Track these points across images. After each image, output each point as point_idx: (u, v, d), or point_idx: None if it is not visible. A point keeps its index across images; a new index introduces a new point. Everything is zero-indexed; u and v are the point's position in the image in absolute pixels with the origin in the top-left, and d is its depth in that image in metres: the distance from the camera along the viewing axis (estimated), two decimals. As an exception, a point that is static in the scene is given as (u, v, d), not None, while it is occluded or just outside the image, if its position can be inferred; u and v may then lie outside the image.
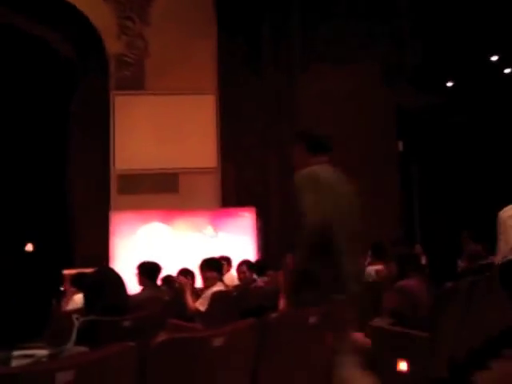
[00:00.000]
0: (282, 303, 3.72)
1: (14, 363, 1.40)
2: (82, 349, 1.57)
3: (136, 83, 9.21)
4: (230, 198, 8.90)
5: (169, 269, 5.42)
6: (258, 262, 6.33)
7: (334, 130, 8.37)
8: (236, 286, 4.63)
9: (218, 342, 1.77)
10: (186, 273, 5.31)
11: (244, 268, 5.28)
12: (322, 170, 2.63)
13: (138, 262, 4.77)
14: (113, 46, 9.19)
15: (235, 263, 5.87)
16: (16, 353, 1.41)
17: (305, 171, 2.58)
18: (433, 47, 8.57)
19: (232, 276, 5.57)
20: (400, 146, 8.53)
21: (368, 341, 2.99)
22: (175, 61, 9.07)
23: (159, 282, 4.86)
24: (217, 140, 9.09)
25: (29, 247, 8.12)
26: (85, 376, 1.45)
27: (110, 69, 9.16)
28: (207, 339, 1.73)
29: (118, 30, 9.27)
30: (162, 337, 1.67)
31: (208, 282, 4.38)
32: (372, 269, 4.59)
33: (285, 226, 8.68)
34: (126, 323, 2.64)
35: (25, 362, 1.41)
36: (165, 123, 9.00)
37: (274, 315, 2.06)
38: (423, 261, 3.74)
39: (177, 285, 5.01)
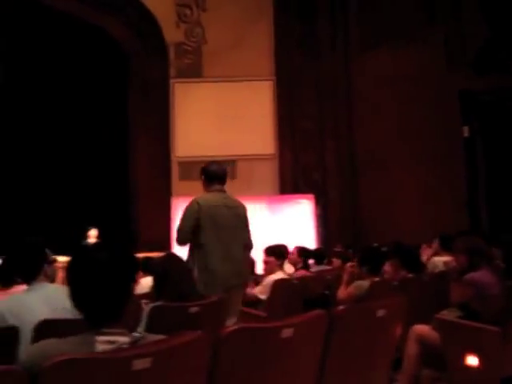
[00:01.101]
0: (340, 292, 3.71)
1: (98, 348, 1.47)
2: (159, 337, 1.62)
3: (194, 70, 9.31)
4: (288, 184, 8.88)
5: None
6: (317, 249, 6.30)
7: (397, 116, 8.20)
8: (295, 274, 4.63)
9: (287, 332, 1.77)
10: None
11: (296, 255, 5.27)
12: (207, 196, 3.60)
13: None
14: (172, 34, 9.33)
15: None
16: (100, 338, 1.48)
17: (193, 199, 3.56)
18: (497, 28, 8.13)
19: (289, 264, 5.57)
20: (465, 132, 8.20)
21: (435, 334, 2.92)
22: (232, 47, 9.09)
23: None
24: (274, 126, 9.07)
25: (93, 232, 8.43)
26: (161, 363, 1.50)
27: (170, 57, 9.31)
28: (277, 329, 1.74)
29: (176, 19, 9.38)
30: (232, 326, 1.68)
31: (269, 269, 4.40)
32: (440, 260, 4.47)
33: (344, 212, 8.59)
34: (194, 309, 2.69)
35: (107, 348, 1.48)
36: (223, 110, 9.07)
37: (342, 307, 2.04)
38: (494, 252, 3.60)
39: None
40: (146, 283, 4.54)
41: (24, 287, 2.80)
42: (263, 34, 9.19)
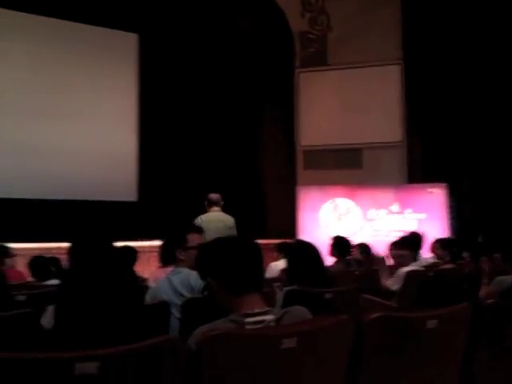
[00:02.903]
0: (483, 289, 3.50)
1: (248, 327, 1.58)
2: (303, 309, 1.69)
3: (319, 59, 9.27)
4: (418, 173, 8.53)
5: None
6: (452, 241, 5.97)
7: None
8: (430, 266, 4.45)
9: (431, 324, 1.74)
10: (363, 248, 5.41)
11: (438, 247, 5.04)
12: (207, 215, 5.71)
13: (326, 237, 4.91)
14: (297, 23, 9.36)
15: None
16: (248, 319, 1.59)
17: (198, 217, 5.60)
18: None
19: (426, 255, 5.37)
20: None
21: None
22: (358, 32, 8.89)
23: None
24: (402, 113, 8.75)
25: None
26: (305, 343, 1.55)
27: (295, 47, 9.36)
28: (421, 320, 1.71)
29: (301, 8, 9.39)
30: (375, 313, 1.69)
31: (400, 261, 4.30)
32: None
33: (478, 203, 8.06)
34: (328, 295, 2.73)
35: (256, 327, 1.57)
36: (348, 97, 8.94)
37: (489, 301, 1.94)
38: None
39: (374, 259, 5.06)
40: (275, 266, 4.69)
41: (170, 269, 3.09)
42: (390, 16, 8.86)
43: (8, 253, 4.84)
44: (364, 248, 5.55)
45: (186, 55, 9.98)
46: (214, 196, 5.84)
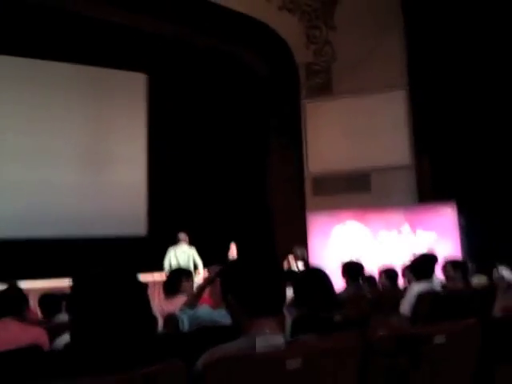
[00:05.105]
0: (497, 306, 3.45)
1: (259, 350, 1.57)
2: (312, 337, 1.68)
3: (324, 88, 9.39)
4: (427, 194, 8.50)
5: (366, 267, 5.40)
6: (463, 262, 5.90)
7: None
8: (442, 287, 4.38)
9: (439, 339, 1.72)
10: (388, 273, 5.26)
11: (449, 268, 4.98)
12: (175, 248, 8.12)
13: (338, 262, 4.87)
14: (302, 55, 9.51)
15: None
16: (259, 340, 1.58)
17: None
18: None
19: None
20: None
21: None
22: (362, 60, 9.01)
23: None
24: (409, 135, 8.78)
25: (232, 247, 8.85)
26: (311, 364, 1.54)
27: (300, 78, 9.50)
28: (428, 336, 1.70)
29: (305, 40, 9.55)
30: (381, 331, 1.68)
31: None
32: None
33: (488, 222, 7.98)
34: (337, 318, 2.71)
35: (266, 350, 1.57)
36: (355, 124, 9.01)
37: (498, 315, 1.92)
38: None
39: (379, 285, 4.98)
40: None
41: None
42: (394, 43, 8.99)
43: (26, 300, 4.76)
44: (390, 273, 5.25)
45: (193, 92, 10.19)
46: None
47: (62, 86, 9.53)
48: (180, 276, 3.21)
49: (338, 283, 4.63)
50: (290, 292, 3.82)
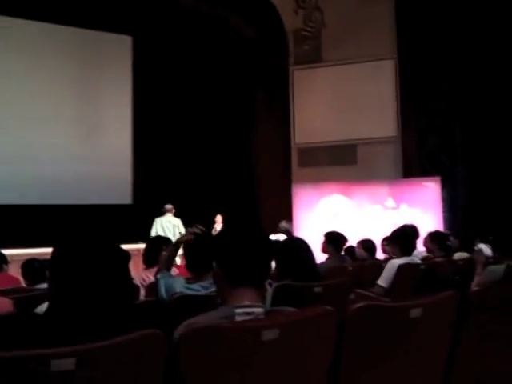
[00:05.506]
0: (475, 280, 3.49)
1: (238, 319, 1.57)
2: (292, 309, 1.68)
3: (314, 56, 9.25)
4: (412, 167, 8.52)
5: (349, 240, 5.42)
6: (440, 234, 5.94)
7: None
8: (422, 260, 4.43)
9: (415, 312, 1.73)
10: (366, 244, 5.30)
11: (427, 240, 5.03)
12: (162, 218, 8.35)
13: (323, 231, 4.89)
14: (290, 21, 9.34)
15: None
16: (238, 310, 1.58)
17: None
18: None
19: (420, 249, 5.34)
20: None
21: None
22: (352, 29, 8.88)
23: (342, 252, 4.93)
24: (397, 107, 8.74)
25: (218, 218, 8.86)
26: (287, 335, 1.54)
27: (289, 44, 9.34)
28: (405, 309, 1.70)
29: (294, 5, 9.37)
30: (359, 303, 1.68)
31: (394, 255, 4.29)
32: None
33: (472, 196, 8.06)
34: (317, 289, 2.72)
35: (246, 318, 1.57)
36: (342, 94, 8.93)
37: (476, 289, 1.93)
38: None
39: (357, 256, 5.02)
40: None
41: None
42: (383, 12, 8.85)
43: (5, 260, 4.74)
44: (367, 244, 5.26)
45: (179, 56, 9.99)
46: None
47: (49, 47, 9.31)
48: (160, 245, 3.18)
49: (320, 255, 4.67)
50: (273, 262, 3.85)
